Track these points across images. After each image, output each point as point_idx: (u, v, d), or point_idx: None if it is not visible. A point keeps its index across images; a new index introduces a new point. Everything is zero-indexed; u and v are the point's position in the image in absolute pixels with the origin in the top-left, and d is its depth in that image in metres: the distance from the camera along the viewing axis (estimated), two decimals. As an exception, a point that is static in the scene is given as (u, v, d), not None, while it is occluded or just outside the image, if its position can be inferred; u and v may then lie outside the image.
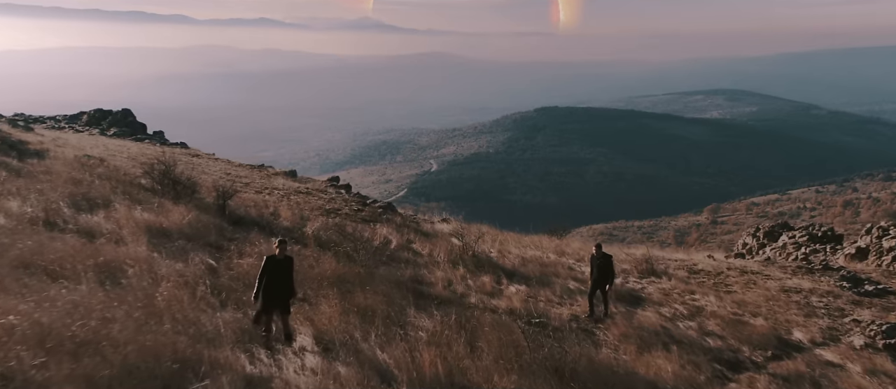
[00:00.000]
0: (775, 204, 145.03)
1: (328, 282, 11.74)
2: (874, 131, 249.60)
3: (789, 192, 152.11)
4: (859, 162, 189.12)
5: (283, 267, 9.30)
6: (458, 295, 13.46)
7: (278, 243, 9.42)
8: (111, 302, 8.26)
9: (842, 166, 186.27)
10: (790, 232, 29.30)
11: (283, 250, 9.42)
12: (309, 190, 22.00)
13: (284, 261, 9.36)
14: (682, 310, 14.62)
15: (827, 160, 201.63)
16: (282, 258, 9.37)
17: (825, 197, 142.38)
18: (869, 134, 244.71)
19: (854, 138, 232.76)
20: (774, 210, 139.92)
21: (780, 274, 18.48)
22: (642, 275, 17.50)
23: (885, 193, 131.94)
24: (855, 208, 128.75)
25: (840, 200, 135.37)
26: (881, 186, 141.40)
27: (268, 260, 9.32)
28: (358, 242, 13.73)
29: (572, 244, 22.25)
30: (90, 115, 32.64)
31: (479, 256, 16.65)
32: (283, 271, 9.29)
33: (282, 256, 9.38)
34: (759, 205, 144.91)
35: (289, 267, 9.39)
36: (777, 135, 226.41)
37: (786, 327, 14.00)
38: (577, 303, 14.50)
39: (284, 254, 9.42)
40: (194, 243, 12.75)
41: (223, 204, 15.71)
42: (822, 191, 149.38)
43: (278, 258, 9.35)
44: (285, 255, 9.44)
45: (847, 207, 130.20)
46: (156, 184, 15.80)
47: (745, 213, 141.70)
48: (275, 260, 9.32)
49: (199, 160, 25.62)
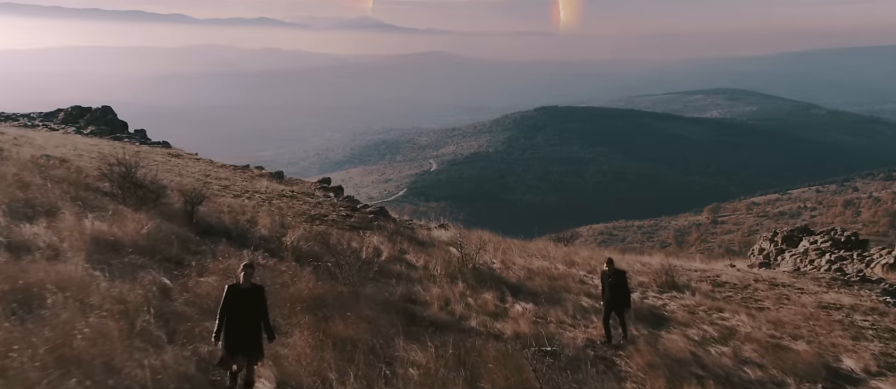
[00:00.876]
0: (776, 203, 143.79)
1: (303, 306, 9.94)
2: (874, 131, 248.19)
3: (790, 192, 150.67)
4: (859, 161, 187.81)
5: (250, 300, 7.43)
6: (456, 318, 11.66)
7: (243, 269, 7.56)
8: (11, 344, 6.47)
9: (842, 166, 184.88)
10: (810, 236, 27.53)
11: (250, 277, 7.57)
12: (294, 193, 20.18)
13: (251, 293, 7.49)
14: (711, 333, 12.81)
15: (827, 159, 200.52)
16: (248, 288, 7.52)
17: (826, 197, 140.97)
18: (869, 133, 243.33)
19: (854, 138, 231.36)
20: (775, 210, 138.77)
21: (814, 287, 16.68)
22: (662, 289, 15.70)
23: (885, 193, 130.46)
24: (855, 208, 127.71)
25: (841, 200, 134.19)
26: (882, 186, 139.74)
27: (230, 290, 7.45)
28: (341, 255, 11.90)
29: (581, 252, 20.43)
30: (67, 113, 30.82)
31: (480, 269, 14.86)
32: (251, 305, 7.43)
33: (248, 285, 7.53)
34: (760, 205, 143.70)
35: (257, 300, 7.51)
36: (777, 135, 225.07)
37: (833, 353, 12.21)
38: (592, 325, 12.69)
39: (251, 283, 7.58)
40: (149, 258, 10.93)
41: (191, 210, 13.89)
42: (823, 191, 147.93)
43: (243, 288, 7.51)
44: (252, 284, 7.60)
45: (848, 207, 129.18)
46: (115, 188, 13.99)
47: (746, 213, 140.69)
48: (238, 290, 7.45)
49: (178, 160, 23.81)
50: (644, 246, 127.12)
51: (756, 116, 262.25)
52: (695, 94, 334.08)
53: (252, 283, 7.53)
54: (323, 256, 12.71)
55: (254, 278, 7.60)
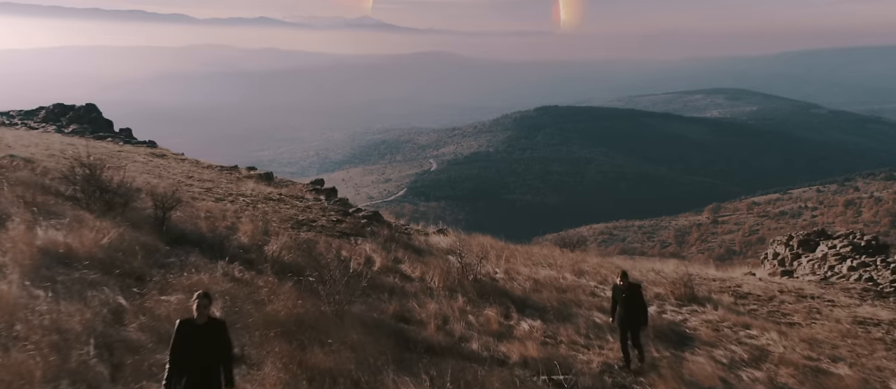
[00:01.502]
0: (776, 203, 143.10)
1: (278, 331, 8.59)
2: (875, 130, 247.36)
3: (790, 192, 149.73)
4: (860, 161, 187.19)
5: (206, 338, 6.08)
6: (455, 340, 10.31)
7: (197, 299, 6.17)
8: None
9: (843, 165, 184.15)
10: (829, 240, 26.10)
11: (206, 310, 6.17)
12: (282, 196, 18.81)
13: (208, 329, 6.12)
14: (741, 354, 11.46)
15: (827, 159, 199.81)
16: (204, 324, 6.15)
17: (826, 197, 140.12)
18: (870, 133, 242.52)
19: (855, 137, 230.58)
20: (776, 210, 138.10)
21: (845, 298, 15.34)
22: (681, 302, 14.35)
23: (886, 192, 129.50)
24: (856, 207, 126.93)
25: (841, 200, 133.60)
26: (883, 186, 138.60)
27: (181, 327, 6.08)
28: (325, 269, 10.54)
29: (590, 259, 19.06)
30: (49, 111, 29.46)
31: (481, 280, 13.51)
32: (208, 344, 6.08)
33: (204, 320, 6.15)
34: (760, 205, 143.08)
35: (216, 338, 6.15)
36: (777, 135, 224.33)
37: (880, 378, 10.86)
38: (607, 345, 11.34)
39: (208, 317, 6.23)
40: (106, 273, 9.59)
41: (162, 216, 12.54)
42: (824, 191, 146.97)
43: (198, 324, 6.15)
44: (210, 319, 6.23)
45: (849, 207, 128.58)
46: (78, 192, 12.65)
47: (746, 213, 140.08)
48: (191, 326, 6.08)
49: (161, 161, 22.46)
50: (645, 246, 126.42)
51: (756, 116, 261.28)
52: (695, 94, 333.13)
53: (209, 317, 6.17)
54: (307, 268, 11.36)
55: (212, 310, 6.23)
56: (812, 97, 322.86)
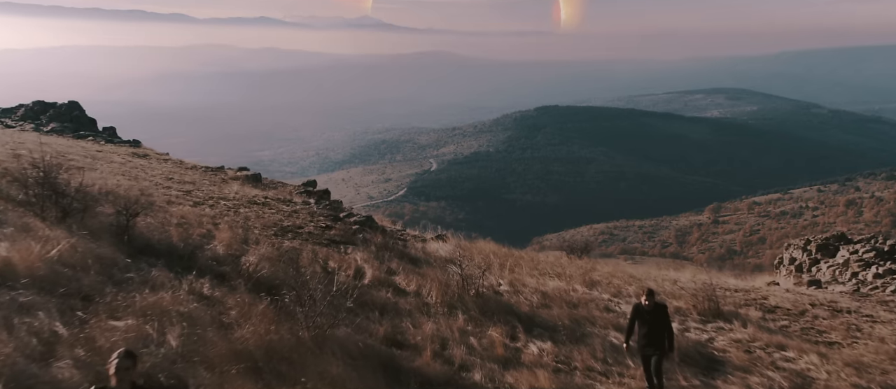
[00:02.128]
0: (777, 203, 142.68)
1: (244, 366, 7.18)
2: (876, 130, 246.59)
3: (791, 191, 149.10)
4: (861, 161, 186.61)
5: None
6: (454, 369, 8.91)
7: (117, 361, 4.77)
8: None
9: (843, 165, 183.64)
10: (850, 245, 24.72)
11: (126, 375, 4.77)
12: (268, 199, 17.40)
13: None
14: (780, 381, 10.06)
15: (828, 159, 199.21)
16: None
17: (827, 197, 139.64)
18: (871, 133, 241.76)
19: (856, 137, 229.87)
20: (776, 209, 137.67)
21: (885, 313, 13.94)
22: (704, 318, 12.94)
23: (888, 192, 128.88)
24: (858, 207, 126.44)
25: (842, 199, 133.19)
26: (884, 185, 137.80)
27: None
28: (304, 288, 9.11)
29: (601, 267, 17.65)
30: (28, 108, 28.06)
31: (484, 294, 12.12)
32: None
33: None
34: (761, 205, 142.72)
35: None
36: (778, 134, 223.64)
37: (942, 411, 9.48)
38: (628, 372, 9.95)
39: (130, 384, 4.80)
40: (48, 293, 8.19)
41: (126, 224, 11.14)
42: (824, 191, 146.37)
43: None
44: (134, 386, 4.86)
45: (850, 206, 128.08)
46: (31, 197, 11.27)
47: (747, 213, 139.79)
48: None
49: (142, 161, 21.07)
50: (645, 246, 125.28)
51: (757, 116, 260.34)
52: (695, 94, 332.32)
53: (133, 385, 4.76)
54: (287, 283, 9.97)
55: (135, 376, 4.80)
56: (812, 97, 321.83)
